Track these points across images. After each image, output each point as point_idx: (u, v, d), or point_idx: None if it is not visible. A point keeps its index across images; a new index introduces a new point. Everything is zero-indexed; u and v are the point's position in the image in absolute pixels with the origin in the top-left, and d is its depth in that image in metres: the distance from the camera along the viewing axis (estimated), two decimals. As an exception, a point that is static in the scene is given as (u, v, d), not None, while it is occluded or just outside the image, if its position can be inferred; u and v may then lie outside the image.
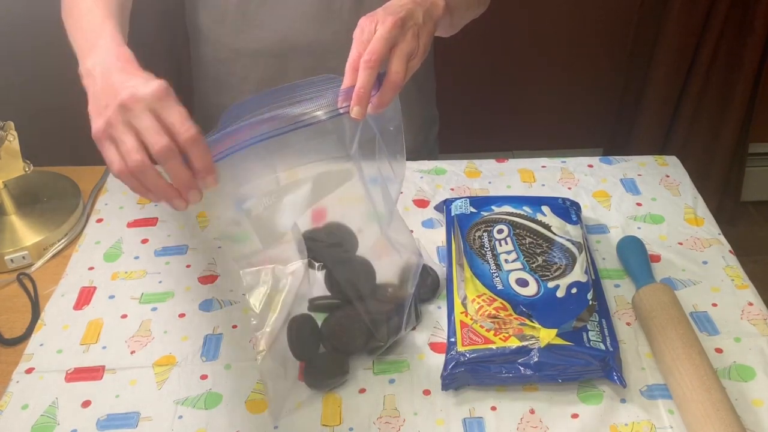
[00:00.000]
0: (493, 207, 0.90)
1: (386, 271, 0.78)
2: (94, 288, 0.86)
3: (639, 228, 0.94)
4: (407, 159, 0.75)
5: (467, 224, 0.88)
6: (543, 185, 1.02)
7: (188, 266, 0.89)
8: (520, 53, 1.93)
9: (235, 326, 0.81)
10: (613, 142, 2.08)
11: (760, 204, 2.23)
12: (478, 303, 0.76)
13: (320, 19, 1.00)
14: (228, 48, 1.06)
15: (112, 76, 0.65)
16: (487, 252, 0.83)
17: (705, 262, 0.88)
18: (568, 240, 0.85)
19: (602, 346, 0.72)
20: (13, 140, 0.89)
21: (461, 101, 1.97)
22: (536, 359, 0.71)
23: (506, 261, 0.82)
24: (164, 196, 0.63)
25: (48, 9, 1.00)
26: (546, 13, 1.87)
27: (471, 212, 0.90)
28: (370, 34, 0.67)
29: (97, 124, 0.64)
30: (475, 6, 0.95)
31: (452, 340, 0.74)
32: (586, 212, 0.95)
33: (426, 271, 0.83)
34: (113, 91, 0.63)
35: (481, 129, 2.05)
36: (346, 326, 0.76)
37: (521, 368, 0.71)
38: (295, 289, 0.72)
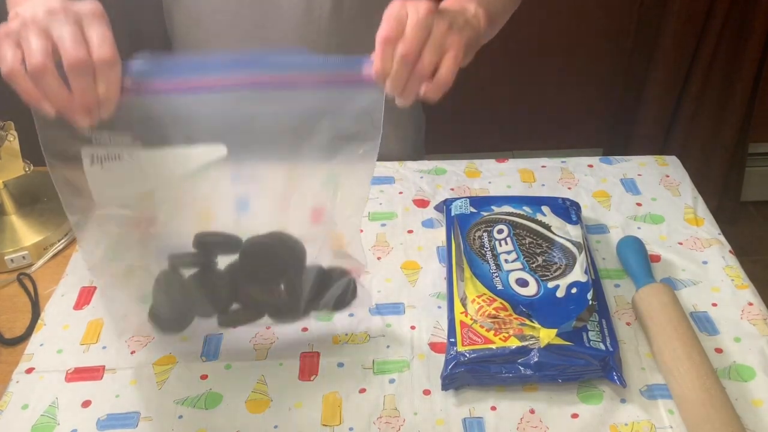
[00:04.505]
0: (493, 207, 0.90)
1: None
2: (94, 288, 0.86)
3: (639, 228, 0.94)
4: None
5: (467, 224, 0.88)
6: (543, 185, 1.02)
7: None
8: (520, 53, 1.93)
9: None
10: (613, 142, 2.08)
11: (760, 204, 2.23)
12: (478, 303, 0.76)
13: (300, 26, 0.98)
14: (203, 53, 1.03)
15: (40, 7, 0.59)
16: (487, 252, 0.83)
17: (705, 262, 0.88)
18: (568, 240, 0.85)
19: (602, 346, 0.72)
20: (13, 140, 0.89)
21: (461, 101, 1.97)
22: (536, 359, 0.71)
23: (506, 261, 0.82)
24: (63, 106, 0.58)
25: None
26: (546, 13, 1.87)
27: (471, 212, 0.90)
28: (401, 16, 0.61)
29: (7, 26, 0.58)
30: (511, 9, 0.91)
31: (452, 340, 0.74)
32: (586, 212, 0.95)
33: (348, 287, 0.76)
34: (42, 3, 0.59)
35: (481, 129, 2.05)
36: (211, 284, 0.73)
37: (521, 368, 0.71)
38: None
